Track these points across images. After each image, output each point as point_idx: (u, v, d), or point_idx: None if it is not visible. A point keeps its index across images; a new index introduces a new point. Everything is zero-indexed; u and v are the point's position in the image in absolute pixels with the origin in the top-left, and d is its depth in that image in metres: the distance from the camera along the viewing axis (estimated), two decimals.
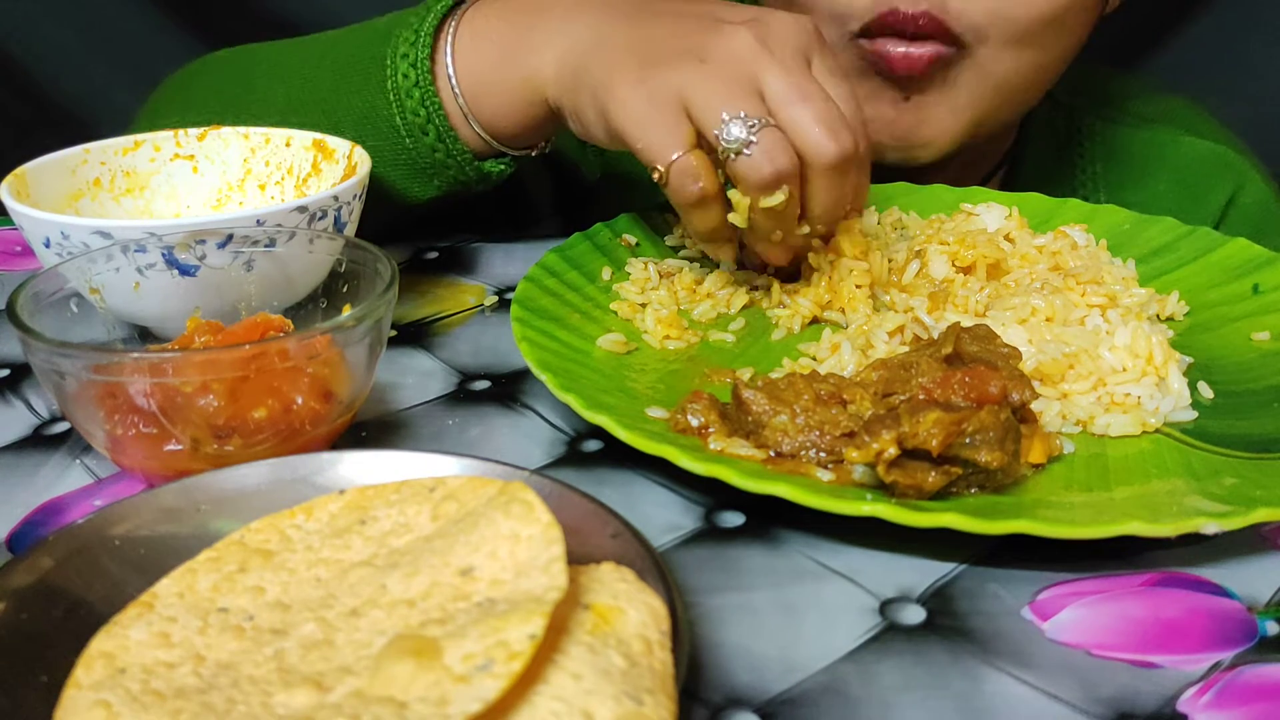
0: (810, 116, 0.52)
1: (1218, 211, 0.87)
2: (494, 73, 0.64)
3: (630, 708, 0.29)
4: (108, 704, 0.31)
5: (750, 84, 0.53)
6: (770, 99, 0.53)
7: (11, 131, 1.25)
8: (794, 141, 0.53)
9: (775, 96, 0.53)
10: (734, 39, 0.54)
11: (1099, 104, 0.91)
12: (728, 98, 0.52)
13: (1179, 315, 0.63)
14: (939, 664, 0.39)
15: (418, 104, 0.65)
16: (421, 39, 0.65)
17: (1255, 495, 0.44)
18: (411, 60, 0.65)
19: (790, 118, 0.52)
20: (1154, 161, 0.89)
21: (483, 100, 0.65)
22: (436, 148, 0.66)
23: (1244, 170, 0.88)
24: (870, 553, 0.44)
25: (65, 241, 0.53)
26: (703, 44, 0.54)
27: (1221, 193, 0.88)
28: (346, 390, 0.47)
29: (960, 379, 0.46)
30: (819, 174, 0.54)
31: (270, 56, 0.75)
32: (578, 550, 0.36)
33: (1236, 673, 0.38)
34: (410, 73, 0.65)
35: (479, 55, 0.65)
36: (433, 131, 0.66)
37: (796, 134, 0.52)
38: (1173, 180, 0.88)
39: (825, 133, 0.52)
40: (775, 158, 0.52)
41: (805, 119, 0.52)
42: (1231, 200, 0.88)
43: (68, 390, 0.44)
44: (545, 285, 0.61)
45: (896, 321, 0.56)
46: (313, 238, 0.54)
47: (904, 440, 0.43)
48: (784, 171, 0.53)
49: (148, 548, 0.38)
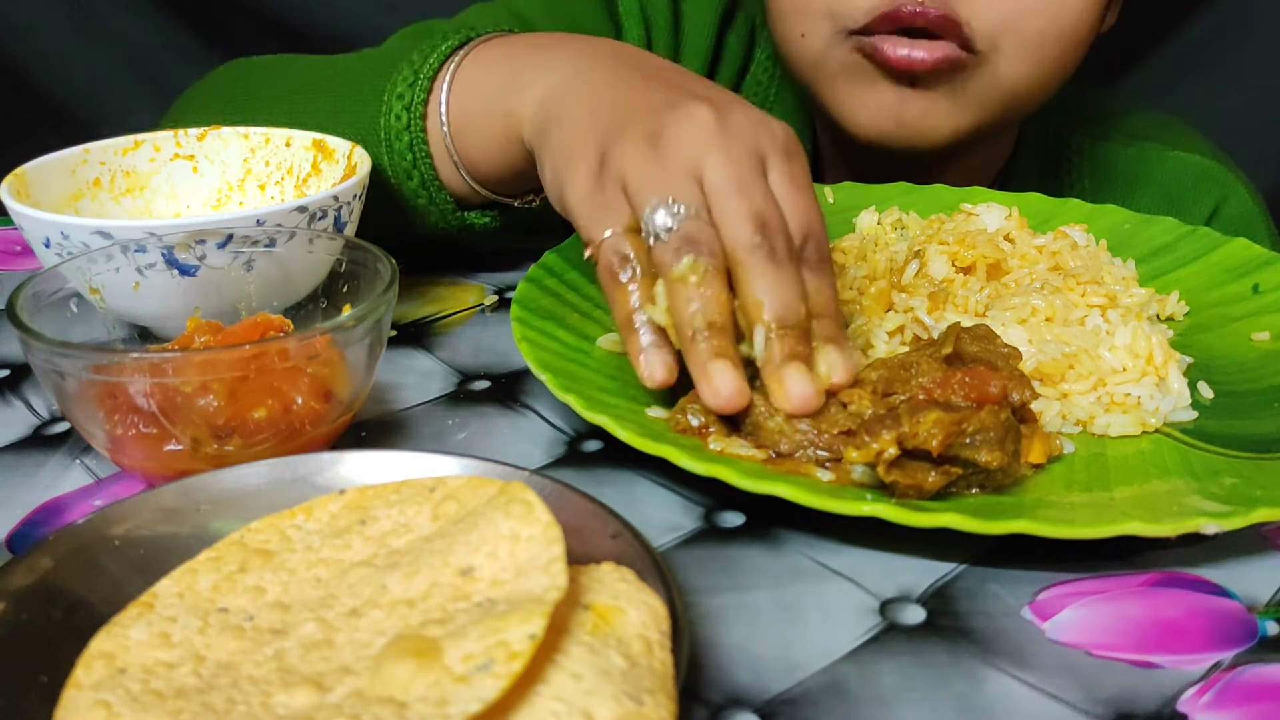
0: (742, 209, 0.47)
1: (1201, 222, 0.88)
2: (482, 107, 0.63)
3: (630, 708, 0.29)
4: (108, 704, 0.31)
5: (691, 174, 0.48)
6: (708, 188, 0.48)
7: (11, 131, 1.25)
8: (723, 237, 0.47)
9: (712, 186, 0.48)
10: (689, 120, 0.49)
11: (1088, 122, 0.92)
12: (662, 182, 0.48)
13: (1179, 315, 0.63)
14: (939, 664, 0.39)
15: (405, 147, 0.64)
16: (420, 80, 0.64)
17: (1255, 495, 0.44)
18: (406, 102, 0.64)
19: (721, 210, 0.47)
20: (1140, 177, 0.90)
21: (467, 135, 0.64)
22: (419, 194, 0.66)
23: (1228, 182, 0.89)
24: (870, 553, 0.44)
25: (65, 241, 0.53)
26: (660, 122, 0.50)
27: (1206, 205, 0.88)
28: (346, 390, 0.47)
29: (960, 379, 0.46)
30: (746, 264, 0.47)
31: (278, 73, 0.75)
32: (578, 550, 0.36)
33: (1236, 673, 0.38)
34: (403, 115, 0.64)
35: (474, 90, 0.64)
36: (417, 177, 0.65)
37: (724, 228, 0.47)
38: (1158, 194, 0.89)
39: (753, 225, 0.47)
40: (695, 240, 0.47)
41: (737, 212, 0.47)
42: (1215, 212, 0.88)
43: (68, 390, 0.44)
44: (545, 285, 0.61)
45: (896, 321, 0.56)
46: (313, 238, 0.54)
47: (904, 440, 0.43)
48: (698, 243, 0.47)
49: (148, 548, 0.38)
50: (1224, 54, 1.19)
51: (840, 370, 0.47)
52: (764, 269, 0.47)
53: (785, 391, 0.46)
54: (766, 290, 0.47)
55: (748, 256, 0.47)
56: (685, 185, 0.48)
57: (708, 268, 0.47)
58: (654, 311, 0.48)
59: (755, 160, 0.49)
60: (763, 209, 0.48)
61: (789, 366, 0.46)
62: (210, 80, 0.78)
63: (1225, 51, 1.19)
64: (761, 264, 0.47)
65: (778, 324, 0.47)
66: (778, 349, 0.47)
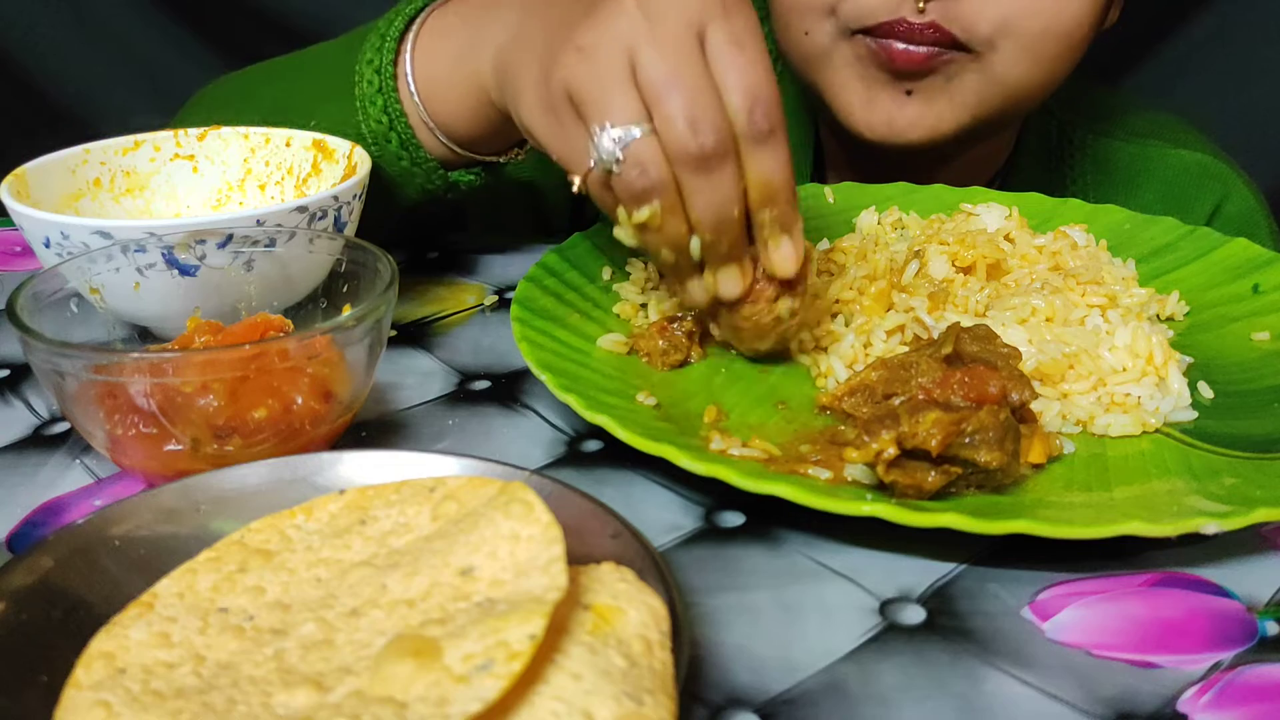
0: (674, 110, 0.46)
1: (1203, 220, 0.88)
2: (447, 73, 0.63)
3: (630, 708, 0.29)
4: (108, 704, 0.31)
5: (625, 73, 0.47)
6: (643, 90, 0.47)
7: (11, 131, 1.25)
8: (660, 140, 0.47)
9: (645, 86, 0.47)
10: (611, 18, 0.48)
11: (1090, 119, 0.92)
12: (601, 101, 0.47)
13: (1179, 315, 0.63)
14: (939, 664, 0.39)
15: (380, 111, 0.65)
16: (386, 44, 0.65)
17: (1255, 495, 0.44)
18: (376, 66, 0.65)
19: (659, 115, 0.47)
20: (1142, 173, 0.90)
21: (438, 103, 0.64)
22: (401, 156, 0.66)
23: (1230, 180, 0.89)
24: (870, 553, 0.44)
25: (65, 241, 0.53)
26: (586, 25, 0.48)
27: (1207, 202, 0.88)
28: (346, 390, 0.47)
29: (960, 379, 0.46)
30: (683, 177, 0.48)
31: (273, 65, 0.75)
32: (578, 550, 0.36)
33: (1236, 673, 0.38)
34: (374, 79, 0.64)
35: (435, 56, 0.64)
36: (395, 140, 0.65)
37: (661, 134, 0.47)
38: (1160, 190, 0.89)
39: (684, 128, 0.46)
40: (645, 169, 0.47)
41: (669, 113, 0.47)
42: (1217, 209, 0.88)
43: (68, 390, 0.44)
44: (545, 285, 0.61)
45: (896, 321, 0.56)
46: (313, 238, 0.54)
47: (903, 440, 0.43)
48: (652, 185, 0.48)
49: (148, 548, 0.38)
50: (1224, 54, 1.19)
51: (790, 260, 0.51)
52: (696, 183, 0.48)
53: (719, 291, 0.52)
54: (701, 206, 0.49)
55: (683, 170, 0.48)
56: (621, 95, 0.47)
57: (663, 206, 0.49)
58: (623, 236, 0.51)
59: (688, 34, 0.47)
60: (693, 102, 0.47)
61: (722, 271, 0.52)
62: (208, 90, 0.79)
63: (1225, 52, 1.19)
64: (694, 177, 0.48)
65: (712, 236, 0.50)
66: (710, 258, 0.51)
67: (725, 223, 0.49)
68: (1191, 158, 0.89)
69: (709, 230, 0.49)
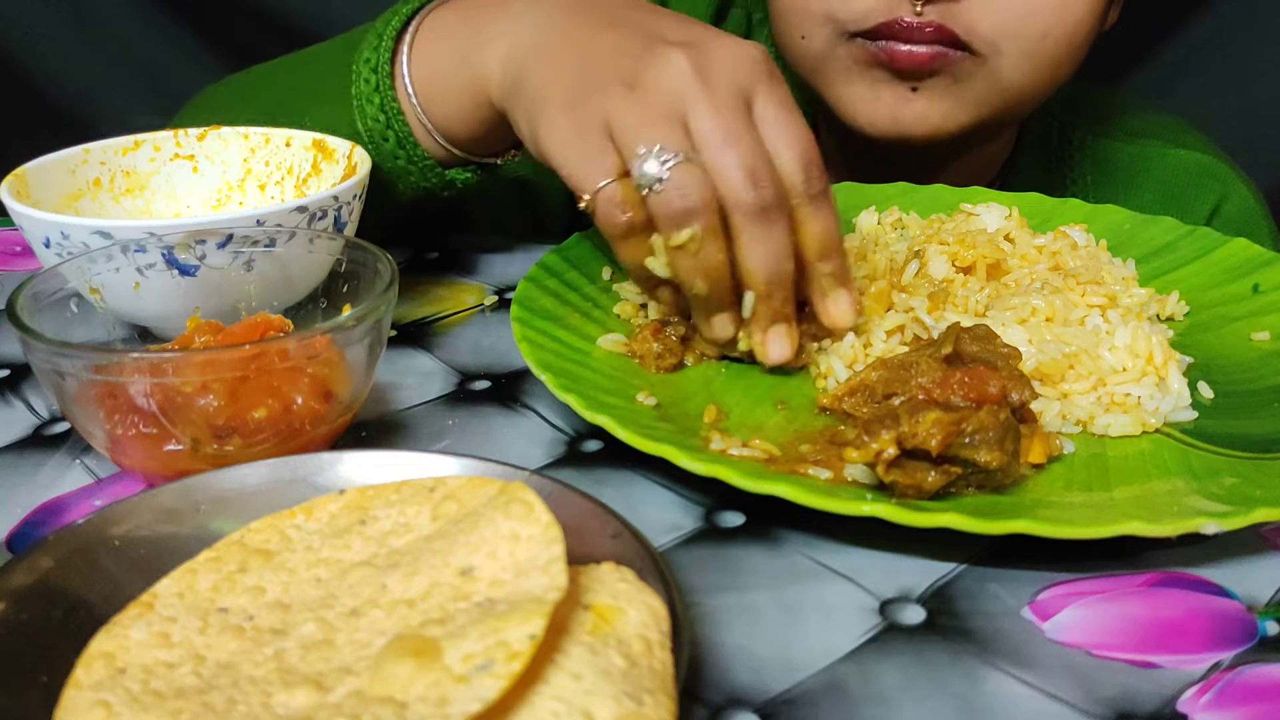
0: (733, 161, 0.48)
1: (1203, 220, 0.88)
2: (445, 73, 0.63)
3: (630, 708, 0.29)
4: (108, 704, 0.31)
5: (676, 118, 0.49)
6: (697, 139, 0.49)
7: (11, 131, 1.25)
8: (716, 185, 0.49)
9: (700, 137, 0.49)
10: (667, 66, 0.50)
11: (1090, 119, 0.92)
12: (648, 131, 0.49)
13: (1179, 315, 0.63)
14: (939, 664, 0.39)
15: (377, 110, 0.65)
16: (384, 43, 0.65)
17: (1255, 495, 0.44)
18: (373, 65, 0.65)
19: (712, 161, 0.49)
20: (1141, 173, 0.90)
21: (435, 103, 0.64)
22: (398, 154, 0.66)
23: (1229, 180, 0.89)
24: (870, 553, 0.44)
25: (65, 241, 0.53)
26: (635, 69, 0.50)
27: (1207, 201, 0.89)
28: (346, 390, 0.47)
29: (959, 379, 0.46)
30: (740, 224, 0.49)
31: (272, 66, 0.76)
32: (578, 550, 0.36)
33: (1236, 673, 0.38)
34: (371, 77, 0.64)
35: (433, 56, 0.64)
36: (392, 138, 0.65)
37: (717, 179, 0.49)
38: (1159, 190, 0.89)
39: (745, 179, 0.48)
40: (687, 193, 0.49)
41: (727, 163, 0.49)
42: (1216, 209, 0.88)
43: (68, 390, 0.44)
44: (545, 285, 0.61)
45: (896, 321, 0.56)
46: (313, 238, 0.54)
47: (903, 440, 0.43)
48: (694, 208, 0.49)
49: (148, 548, 0.38)
50: (1223, 56, 1.19)
51: (848, 315, 0.54)
52: (754, 232, 0.50)
53: (767, 353, 0.54)
54: (757, 256, 0.50)
55: (740, 218, 0.49)
56: (671, 131, 0.49)
57: (705, 230, 0.49)
58: (655, 265, 0.52)
59: (740, 100, 0.50)
60: (751, 159, 0.49)
61: (773, 330, 0.53)
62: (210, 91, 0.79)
63: (1224, 53, 1.19)
64: (753, 227, 0.49)
65: (765, 288, 0.51)
66: (763, 313, 0.53)
67: (781, 275, 0.51)
68: (1191, 158, 0.89)
69: (764, 281, 0.51)
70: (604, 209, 0.51)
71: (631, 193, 0.50)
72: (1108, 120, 0.92)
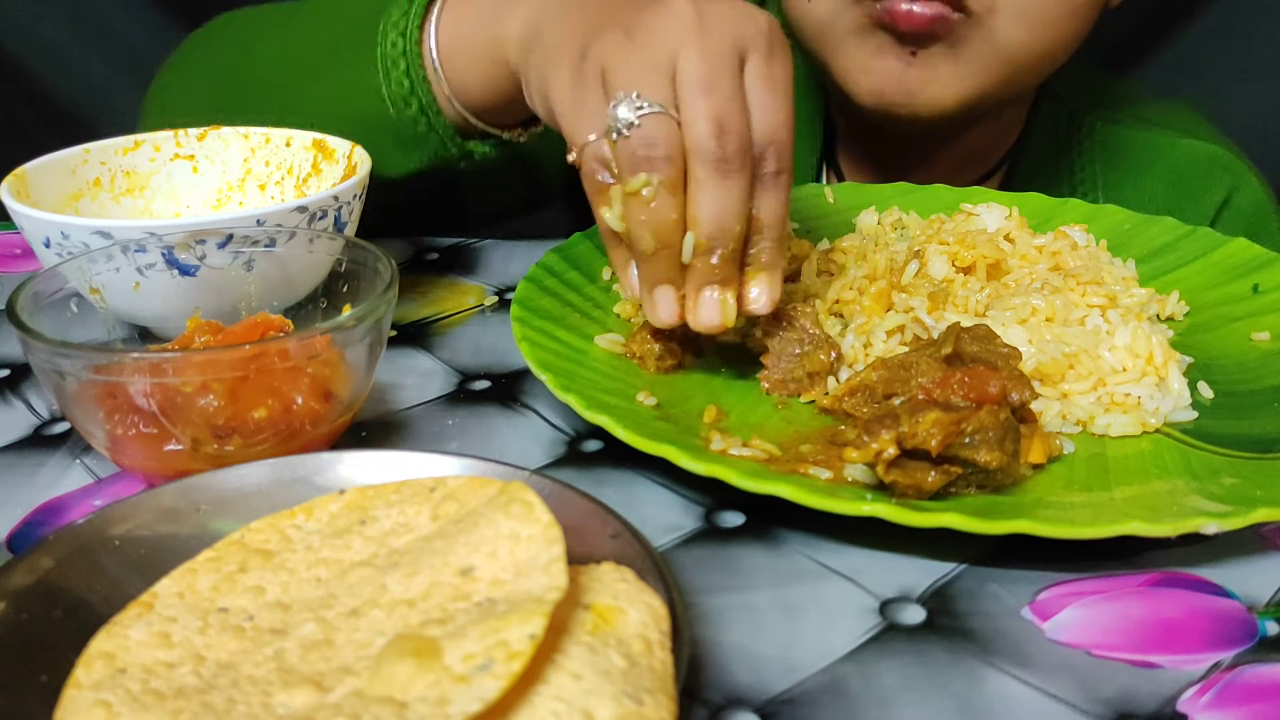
0: (704, 110, 0.47)
1: (1213, 211, 0.88)
2: (470, 31, 0.63)
3: (630, 708, 0.29)
4: (108, 704, 0.31)
5: (665, 67, 0.48)
6: (677, 83, 0.48)
7: (11, 131, 1.25)
8: (684, 134, 0.48)
9: (682, 81, 0.48)
10: (667, 14, 0.49)
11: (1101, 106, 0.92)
12: (633, 77, 0.48)
13: (1179, 315, 0.63)
14: (939, 664, 0.39)
15: (403, 74, 0.65)
16: (414, 7, 0.65)
17: (1255, 495, 0.44)
18: (401, 29, 0.65)
19: (685, 106, 0.47)
20: (1152, 161, 0.89)
21: (455, 60, 0.64)
22: (419, 120, 0.66)
23: (1240, 172, 0.89)
24: (870, 553, 0.44)
25: (65, 241, 0.53)
26: (637, 17, 0.50)
27: (1217, 192, 0.88)
28: (346, 390, 0.47)
29: (959, 379, 0.46)
30: (695, 173, 0.48)
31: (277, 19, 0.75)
32: (578, 550, 0.36)
33: (1236, 673, 0.38)
34: (399, 41, 0.65)
35: (461, 16, 0.64)
36: (415, 104, 0.66)
37: (685, 125, 0.48)
38: (1170, 179, 0.89)
39: (710, 127, 0.47)
40: (653, 141, 0.47)
41: (697, 109, 0.47)
42: (1227, 200, 0.88)
43: (68, 390, 0.44)
44: (545, 285, 0.61)
45: (896, 321, 0.56)
46: (313, 238, 0.54)
47: (903, 440, 0.43)
48: (656, 156, 0.47)
49: (148, 548, 0.38)
50: (1227, 51, 1.19)
51: (764, 301, 0.51)
52: (709, 182, 0.48)
53: (695, 316, 0.51)
54: (707, 206, 0.48)
55: (698, 166, 0.48)
56: (655, 78, 0.48)
57: (661, 182, 0.48)
58: (609, 217, 0.50)
59: (732, 55, 0.48)
60: (725, 110, 0.47)
61: (705, 291, 0.50)
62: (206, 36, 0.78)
63: (1229, 48, 1.19)
64: (709, 176, 0.48)
65: (707, 242, 0.49)
66: (699, 269, 0.50)
67: (726, 233, 0.49)
68: (1203, 148, 0.89)
69: (706, 233, 0.49)
70: (587, 164, 0.50)
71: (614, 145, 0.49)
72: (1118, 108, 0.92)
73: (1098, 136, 0.90)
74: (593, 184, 0.50)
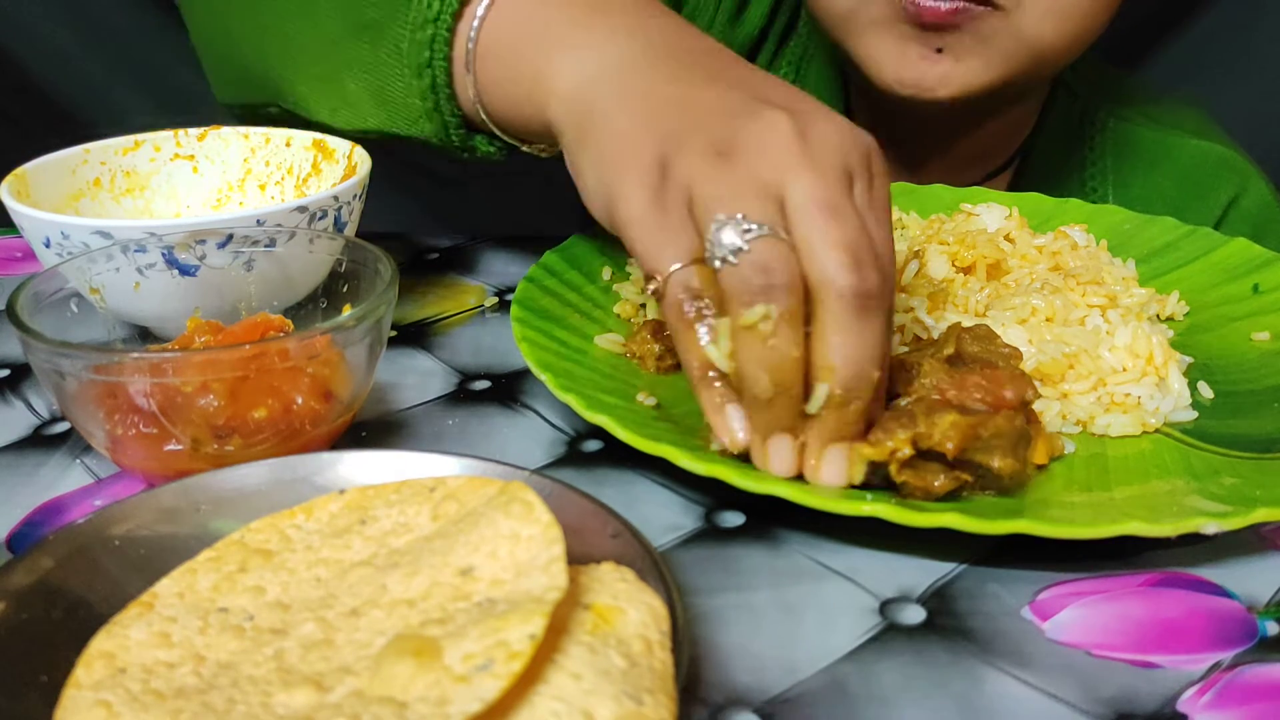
0: (833, 238, 0.41)
1: (1220, 210, 0.88)
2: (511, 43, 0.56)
3: (630, 708, 0.29)
4: (108, 704, 0.31)
5: (771, 187, 0.43)
6: (790, 208, 0.42)
7: (11, 131, 1.25)
8: (805, 265, 0.42)
9: (797, 206, 0.42)
10: (769, 130, 0.44)
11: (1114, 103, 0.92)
12: (735, 197, 0.42)
13: (1179, 315, 0.63)
14: (939, 664, 0.39)
15: (427, 40, 0.58)
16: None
17: (1255, 495, 0.44)
18: None
19: (807, 235, 0.42)
20: (1162, 159, 0.90)
21: (489, 63, 0.57)
22: (428, 97, 0.59)
23: (1249, 173, 0.89)
24: (870, 553, 0.44)
25: (65, 241, 0.53)
26: (731, 131, 0.44)
27: (1225, 192, 0.89)
28: (346, 390, 0.47)
29: (977, 382, 0.46)
30: (831, 310, 0.42)
31: None
32: (578, 550, 0.36)
33: (1236, 673, 0.38)
34: (435, 4, 0.57)
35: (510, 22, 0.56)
36: (429, 77, 0.59)
37: (810, 256, 0.42)
38: (1179, 177, 0.89)
39: (847, 259, 0.41)
40: (769, 268, 0.41)
41: (826, 239, 0.41)
42: (1234, 201, 0.89)
43: (68, 390, 0.44)
44: (545, 285, 0.61)
45: (896, 321, 0.56)
46: (313, 238, 0.54)
47: (919, 440, 0.43)
48: (774, 285, 0.41)
49: (148, 548, 0.38)
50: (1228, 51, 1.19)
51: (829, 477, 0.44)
52: (848, 323, 0.42)
53: (818, 474, 0.44)
54: (843, 349, 0.42)
55: (833, 303, 0.42)
56: (761, 203, 0.42)
57: (781, 314, 0.42)
58: (716, 354, 0.44)
59: (845, 180, 0.44)
60: (856, 239, 0.42)
61: (831, 449, 0.44)
62: None
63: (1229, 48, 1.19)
64: (848, 316, 0.42)
65: (844, 393, 0.42)
66: (828, 422, 0.43)
67: (865, 380, 0.42)
68: (1213, 149, 0.90)
69: (843, 382, 0.42)
70: (672, 293, 0.44)
71: (707, 274, 0.43)
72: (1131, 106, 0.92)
73: (1110, 133, 0.91)
74: (679, 316, 0.44)
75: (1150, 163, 0.90)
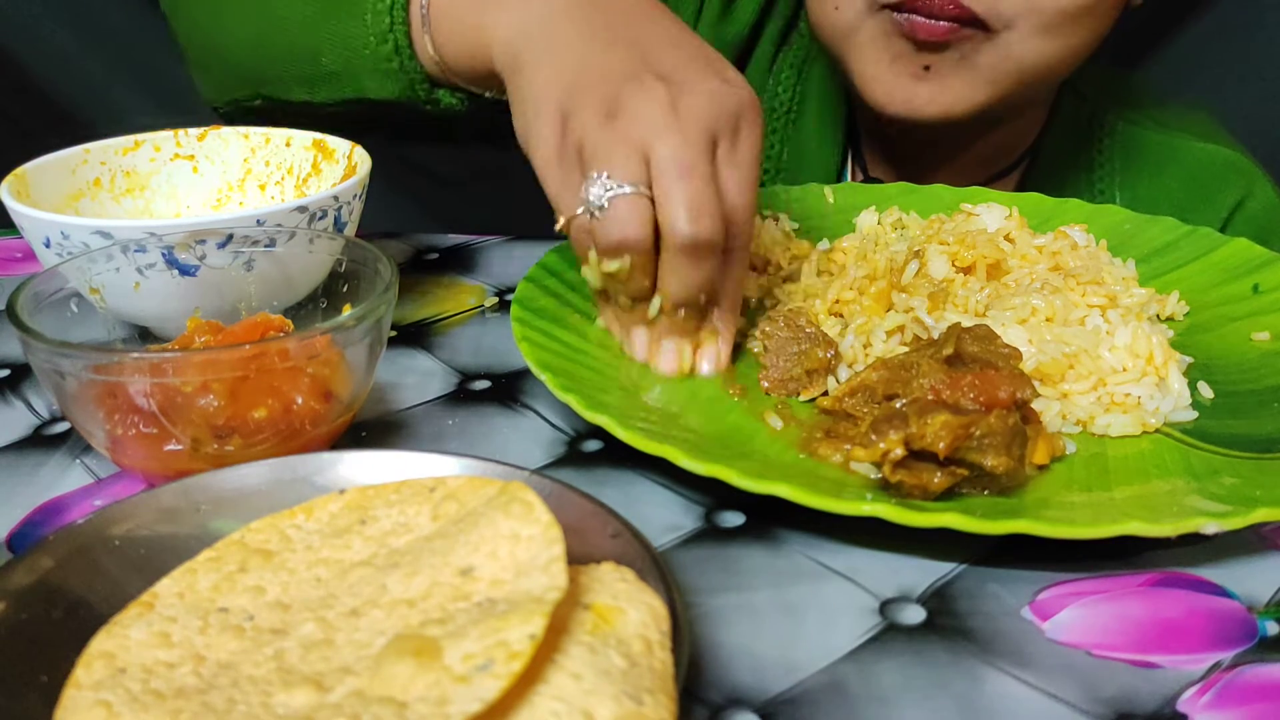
0: (679, 194, 0.50)
1: (1226, 213, 0.88)
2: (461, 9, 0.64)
3: (630, 708, 0.29)
4: (108, 704, 0.31)
5: (639, 149, 0.51)
6: (652, 167, 0.51)
7: (11, 131, 1.25)
8: (658, 215, 0.51)
9: (656, 166, 0.50)
10: (646, 100, 0.51)
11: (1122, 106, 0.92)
12: (611, 155, 0.51)
13: (1179, 315, 0.63)
14: (939, 664, 0.39)
15: (386, 9, 0.66)
16: None
17: (1255, 495, 0.44)
18: None
19: (662, 190, 0.50)
20: (1169, 162, 0.90)
21: (442, 24, 0.65)
22: (392, 59, 0.67)
23: (1255, 176, 0.90)
24: (870, 553, 0.44)
25: (65, 241, 0.53)
26: (617, 97, 0.52)
27: (1231, 195, 0.89)
28: (346, 390, 0.47)
29: (970, 381, 0.46)
30: (670, 252, 0.51)
31: None
32: (578, 550, 0.36)
33: (1236, 673, 0.38)
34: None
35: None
36: (391, 41, 0.67)
37: (661, 209, 0.51)
38: (1185, 180, 0.90)
39: (686, 213, 0.50)
40: (624, 225, 0.50)
41: (674, 194, 0.50)
42: (1240, 203, 0.89)
43: (68, 390, 0.44)
44: (545, 285, 0.61)
45: (896, 321, 0.56)
46: (313, 238, 0.54)
47: (911, 441, 0.43)
48: (628, 240, 0.51)
49: (148, 548, 0.38)
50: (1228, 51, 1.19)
51: (708, 367, 0.56)
52: (681, 261, 0.51)
53: (655, 363, 0.56)
54: (677, 282, 0.52)
55: (672, 250, 0.51)
56: (629, 162, 0.50)
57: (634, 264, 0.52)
58: (589, 275, 0.54)
59: (707, 139, 0.51)
60: (699, 195, 0.50)
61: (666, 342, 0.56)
62: None
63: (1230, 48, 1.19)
64: (681, 260, 0.51)
65: (672, 304, 0.54)
66: (663, 324, 0.55)
67: (690, 301, 0.53)
68: (1220, 152, 0.90)
69: (674, 304, 0.53)
70: (575, 235, 0.53)
71: None
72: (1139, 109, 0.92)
73: (1118, 136, 0.91)
74: (580, 250, 0.54)
75: (1157, 165, 0.90)
